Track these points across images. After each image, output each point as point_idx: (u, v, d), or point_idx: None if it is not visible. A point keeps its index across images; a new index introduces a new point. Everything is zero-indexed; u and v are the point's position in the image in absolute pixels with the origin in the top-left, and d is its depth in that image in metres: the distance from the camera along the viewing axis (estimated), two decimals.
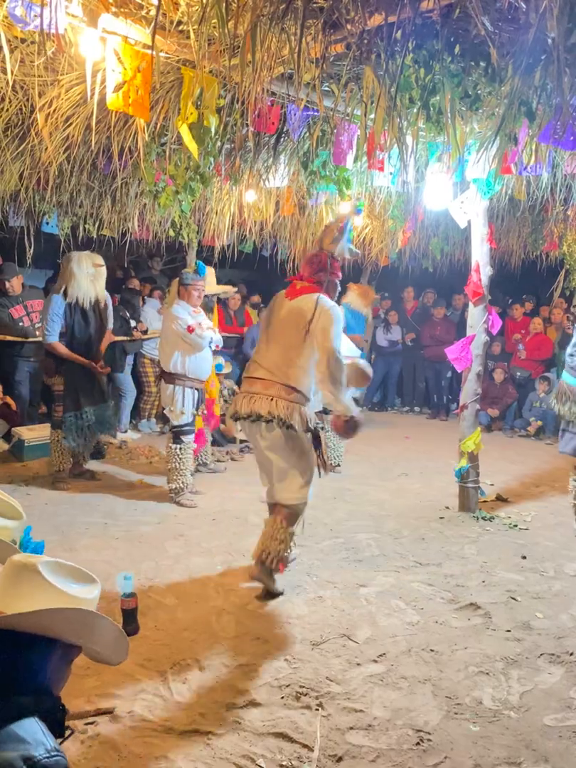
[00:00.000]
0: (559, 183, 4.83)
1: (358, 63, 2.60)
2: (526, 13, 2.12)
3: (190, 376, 4.74)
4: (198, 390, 4.87)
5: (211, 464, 5.75)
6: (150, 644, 2.82)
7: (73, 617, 1.17)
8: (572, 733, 2.29)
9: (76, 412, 4.95)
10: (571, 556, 3.92)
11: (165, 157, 3.49)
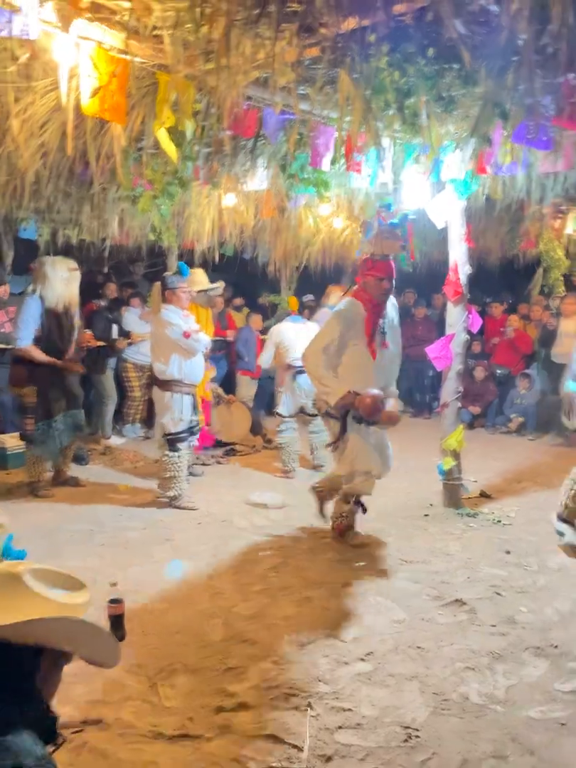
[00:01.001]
0: (535, 182, 4.90)
1: (333, 66, 2.61)
2: (497, 16, 2.16)
3: (186, 382, 4.70)
4: (193, 395, 4.83)
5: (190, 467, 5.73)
6: (138, 650, 2.81)
7: (59, 626, 1.17)
8: (557, 725, 2.32)
9: (47, 421, 4.89)
10: (554, 550, 3.96)
11: (143, 162, 3.49)
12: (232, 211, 5.82)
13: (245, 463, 6.22)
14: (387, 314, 3.77)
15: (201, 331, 4.85)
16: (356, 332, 3.66)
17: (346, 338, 3.66)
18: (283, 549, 3.96)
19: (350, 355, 3.67)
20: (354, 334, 3.66)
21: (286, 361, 5.58)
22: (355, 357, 3.67)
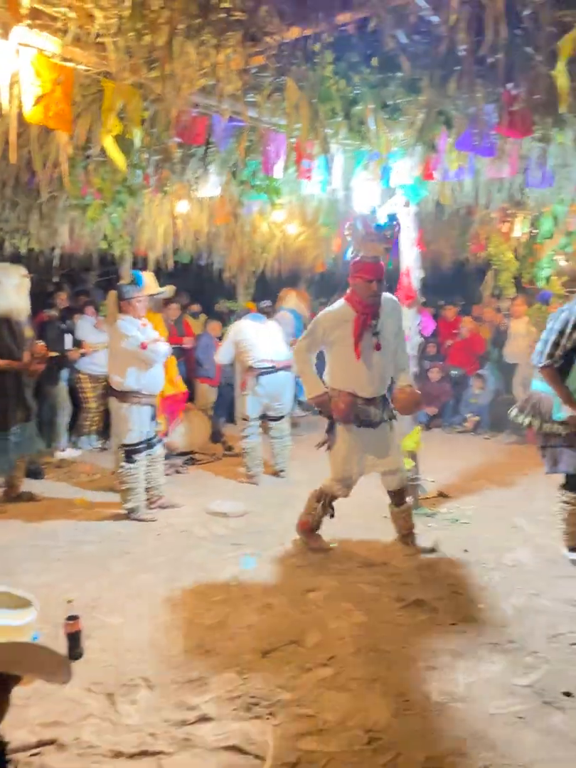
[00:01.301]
0: (482, 188, 5.02)
1: (279, 74, 2.63)
2: (437, 26, 2.20)
3: (145, 393, 4.62)
4: (152, 406, 4.75)
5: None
6: (96, 667, 2.75)
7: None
8: (516, 719, 2.37)
9: (2, 433, 4.76)
10: (509, 546, 4.06)
11: (91, 170, 3.44)
12: (186, 218, 5.79)
13: (205, 471, 6.18)
14: (382, 316, 3.75)
15: (160, 341, 4.79)
16: (343, 333, 3.70)
17: (330, 338, 3.74)
18: (244, 557, 3.94)
19: (338, 354, 3.76)
20: (341, 334, 3.70)
21: (249, 362, 5.55)
22: (342, 357, 3.73)
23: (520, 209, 6.36)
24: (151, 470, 4.82)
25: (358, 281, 3.63)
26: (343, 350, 3.72)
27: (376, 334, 3.70)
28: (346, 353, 3.70)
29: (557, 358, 3.49)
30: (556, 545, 3.94)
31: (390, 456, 3.90)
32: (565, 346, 3.46)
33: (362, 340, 3.67)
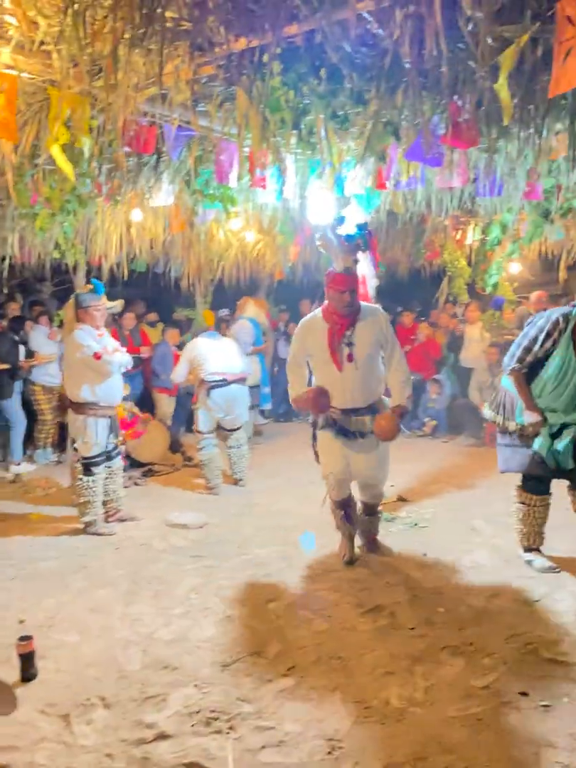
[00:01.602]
0: (434, 196, 5.12)
1: (229, 84, 2.63)
2: (383, 39, 2.24)
3: (102, 404, 4.53)
4: (110, 417, 4.67)
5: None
6: (51, 688, 2.68)
7: None
8: (474, 721, 2.39)
9: None
10: (468, 548, 4.12)
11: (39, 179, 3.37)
12: (141, 227, 5.74)
13: (164, 482, 6.10)
14: (357, 326, 3.61)
15: (120, 350, 4.71)
16: (315, 343, 3.65)
17: (306, 349, 3.73)
18: (204, 569, 3.90)
19: (314, 364, 3.74)
20: (313, 345, 3.67)
21: (201, 376, 5.53)
22: (318, 368, 3.70)
23: (472, 217, 6.51)
24: (109, 483, 4.74)
25: (331, 292, 3.58)
26: (317, 360, 3.70)
27: (349, 345, 3.60)
28: (320, 363, 3.67)
29: (526, 364, 3.52)
30: (512, 546, 4.02)
31: (372, 470, 3.80)
32: (536, 354, 3.47)
33: (337, 351, 3.59)
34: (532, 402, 3.57)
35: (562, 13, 1.95)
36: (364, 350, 3.62)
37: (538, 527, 3.78)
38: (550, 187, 4.91)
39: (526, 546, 3.83)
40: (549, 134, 3.18)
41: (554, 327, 3.42)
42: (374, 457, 3.76)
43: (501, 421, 3.78)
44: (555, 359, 3.44)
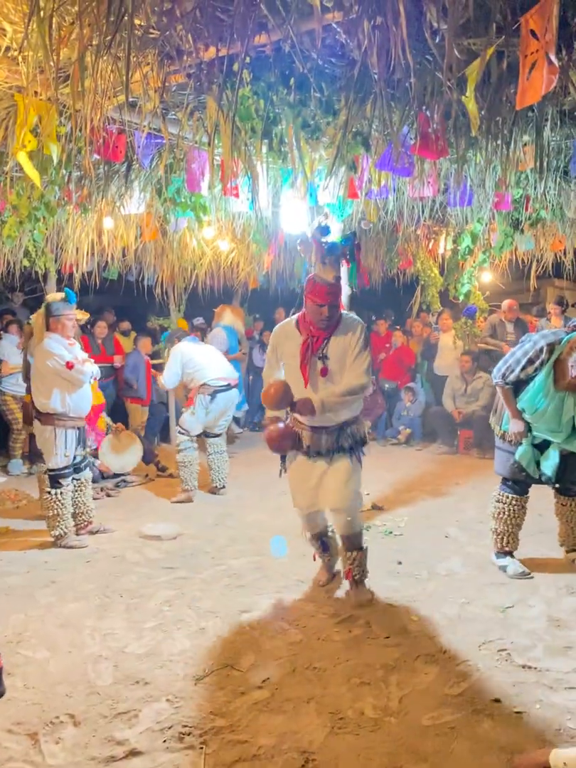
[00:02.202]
0: (406, 205, 5.17)
1: (199, 93, 2.63)
2: (351, 50, 2.25)
3: (72, 415, 4.45)
4: (79, 428, 4.59)
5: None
6: (18, 706, 2.61)
7: None
8: (448, 729, 2.39)
9: None
10: (442, 556, 4.14)
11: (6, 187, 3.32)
12: (112, 234, 5.69)
13: (138, 493, 6.03)
14: (333, 338, 3.33)
15: (89, 361, 4.65)
16: (289, 352, 3.43)
17: (279, 353, 3.52)
18: (177, 581, 3.85)
19: (287, 374, 3.50)
20: (287, 353, 3.45)
21: (202, 381, 5.54)
22: (290, 377, 3.43)
23: (443, 227, 6.59)
24: (79, 495, 4.66)
25: (310, 303, 3.31)
26: (288, 370, 3.47)
27: (323, 359, 3.33)
28: (291, 374, 3.42)
29: (510, 381, 3.63)
30: (486, 553, 4.04)
31: (339, 494, 3.42)
32: (517, 375, 3.58)
33: (309, 364, 3.34)
34: (517, 413, 3.67)
35: (525, 27, 1.98)
36: (338, 364, 3.35)
37: (512, 528, 3.81)
38: (518, 197, 5.00)
39: (500, 548, 3.86)
40: (516, 146, 3.23)
41: (537, 355, 3.51)
42: (346, 476, 3.42)
43: (493, 425, 3.92)
44: (535, 383, 3.54)
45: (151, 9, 1.97)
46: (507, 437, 3.76)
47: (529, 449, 3.66)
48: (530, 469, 3.66)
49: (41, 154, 2.80)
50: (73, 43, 2.03)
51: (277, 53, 2.30)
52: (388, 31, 1.87)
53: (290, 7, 1.94)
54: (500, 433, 3.83)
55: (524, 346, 3.63)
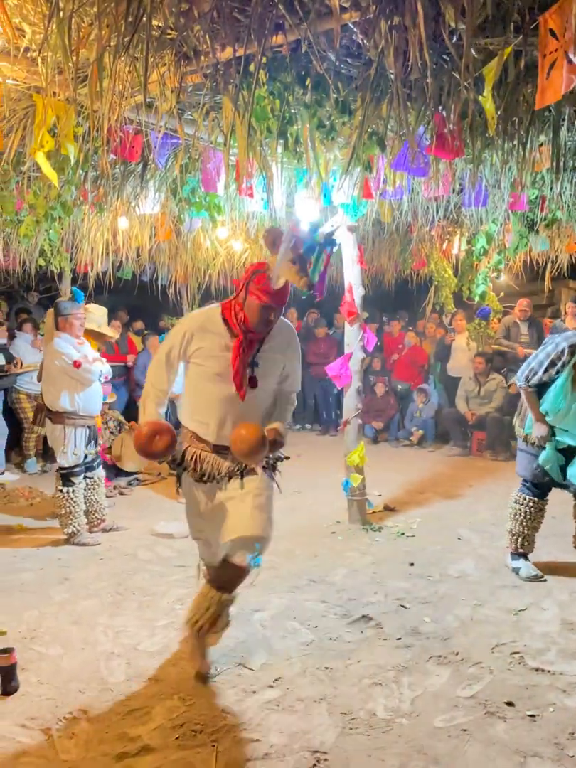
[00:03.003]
0: (420, 206, 5.15)
1: (215, 93, 2.64)
2: (367, 50, 2.25)
3: (81, 414, 4.49)
4: (90, 427, 4.63)
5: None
6: (32, 701, 2.63)
7: None
8: (460, 732, 2.38)
9: None
10: (454, 558, 4.12)
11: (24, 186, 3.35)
12: (127, 234, 5.72)
13: (150, 492, 6.06)
14: (267, 345, 2.73)
15: (100, 360, 4.68)
16: (206, 350, 2.66)
17: (185, 353, 2.69)
18: (189, 579, 3.84)
19: (198, 377, 2.71)
20: (203, 350, 2.66)
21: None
22: (203, 383, 2.70)
23: (458, 227, 6.56)
24: (91, 493, 4.69)
25: (254, 300, 2.57)
26: (206, 373, 2.67)
27: (253, 366, 2.68)
28: (210, 379, 2.67)
29: (532, 383, 3.62)
30: (499, 555, 4.02)
31: (253, 519, 2.68)
32: (540, 378, 3.58)
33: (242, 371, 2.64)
34: (541, 416, 3.64)
35: (544, 26, 1.97)
36: (269, 374, 2.75)
37: (528, 530, 3.78)
38: (534, 198, 4.97)
39: (514, 549, 3.83)
40: (533, 146, 3.21)
41: (559, 357, 3.51)
42: (258, 502, 2.72)
43: (519, 429, 3.87)
44: (556, 386, 3.53)
45: (169, 10, 1.98)
46: (530, 440, 3.73)
47: (553, 454, 3.62)
48: (554, 473, 3.63)
49: (58, 154, 2.82)
50: (91, 43, 2.05)
51: (294, 53, 2.31)
52: (405, 31, 1.87)
53: (308, 7, 1.95)
54: (523, 435, 3.80)
55: (546, 348, 3.61)
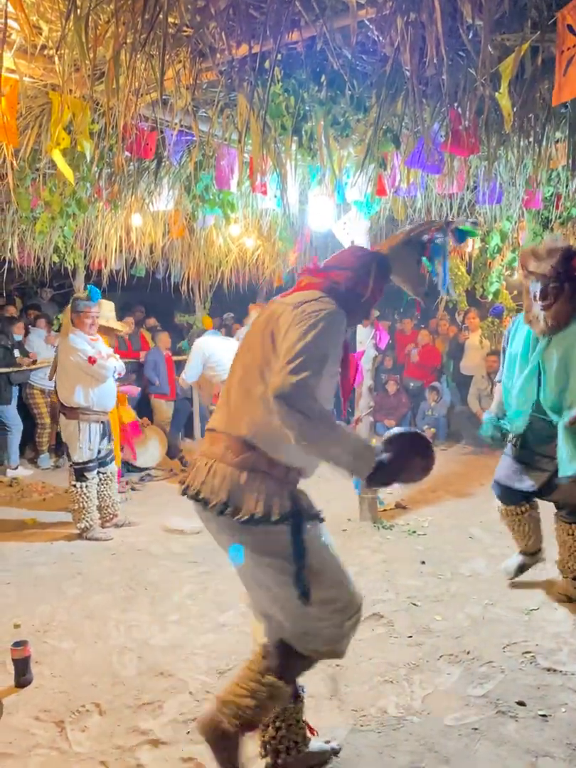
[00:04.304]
0: (434, 203, 5.12)
1: (230, 90, 2.64)
2: (383, 46, 2.24)
3: (96, 409, 4.53)
4: (103, 422, 4.66)
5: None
6: (45, 694, 2.66)
7: None
8: (471, 731, 2.38)
9: None
10: (465, 557, 4.11)
11: (39, 183, 3.37)
12: (140, 231, 5.74)
13: (162, 488, 6.09)
14: None
15: (113, 356, 4.71)
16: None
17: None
18: (201, 575, 3.88)
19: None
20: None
21: (223, 377, 5.54)
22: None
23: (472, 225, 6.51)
24: (104, 488, 4.72)
25: (359, 293, 2.05)
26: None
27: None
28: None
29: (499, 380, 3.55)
30: (510, 554, 3.99)
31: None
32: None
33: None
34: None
35: (562, 23, 1.96)
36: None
37: (521, 534, 3.57)
38: (549, 195, 4.92)
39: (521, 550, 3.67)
40: (549, 143, 3.19)
41: (509, 330, 3.48)
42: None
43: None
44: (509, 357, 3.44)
45: (185, 7, 1.98)
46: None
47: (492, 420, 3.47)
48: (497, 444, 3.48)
49: (74, 151, 2.83)
50: (108, 41, 2.06)
51: (309, 50, 2.30)
52: (422, 28, 1.86)
53: (324, 3, 1.94)
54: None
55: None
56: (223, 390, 2.06)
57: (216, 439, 1.95)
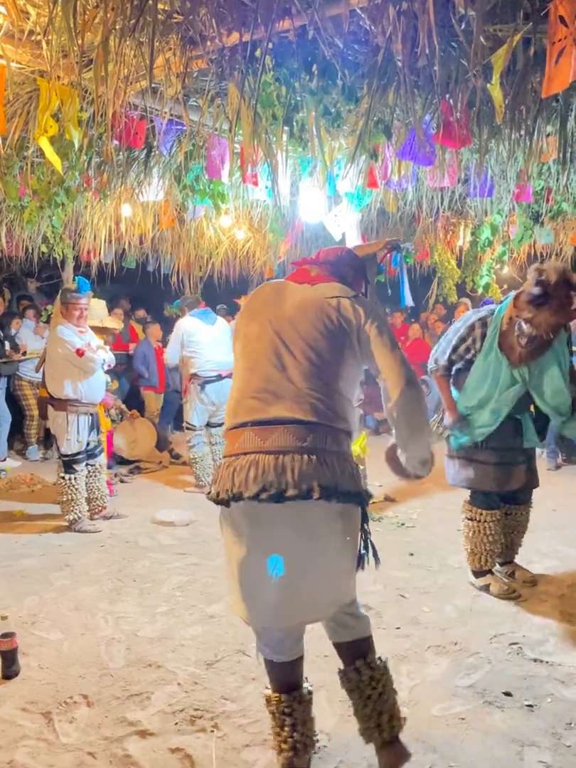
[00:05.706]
0: (425, 196, 5.12)
1: (221, 79, 2.61)
2: (375, 36, 2.23)
3: (84, 401, 4.50)
4: (92, 414, 4.64)
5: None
6: (33, 685, 2.65)
7: None
8: (458, 720, 2.40)
9: None
10: (453, 549, 4.13)
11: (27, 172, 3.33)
12: (130, 222, 5.70)
13: (151, 480, 6.07)
14: None
15: (103, 348, 4.68)
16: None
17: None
18: (189, 567, 3.88)
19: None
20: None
21: (193, 369, 5.47)
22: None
23: (462, 218, 6.52)
24: (93, 480, 4.70)
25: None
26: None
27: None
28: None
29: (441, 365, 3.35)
30: None
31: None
32: (449, 358, 3.30)
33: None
34: (452, 403, 3.34)
35: (554, 13, 1.95)
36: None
37: (489, 546, 3.43)
38: (540, 189, 4.93)
39: (477, 568, 3.48)
40: (540, 136, 3.19)
41: (469, 332, 3.19)
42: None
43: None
44: (477, 369, 3.20)
45: None
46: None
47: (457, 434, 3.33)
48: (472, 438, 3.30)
49: (62, 139, 2.80)
50: (96, 27, 2.03)
51: (300, 39, 2.28)
52: (414, 17, 1.85)
53: None
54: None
55: (456, 324, 3.30)
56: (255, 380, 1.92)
57: (305, 431, 1.85)
